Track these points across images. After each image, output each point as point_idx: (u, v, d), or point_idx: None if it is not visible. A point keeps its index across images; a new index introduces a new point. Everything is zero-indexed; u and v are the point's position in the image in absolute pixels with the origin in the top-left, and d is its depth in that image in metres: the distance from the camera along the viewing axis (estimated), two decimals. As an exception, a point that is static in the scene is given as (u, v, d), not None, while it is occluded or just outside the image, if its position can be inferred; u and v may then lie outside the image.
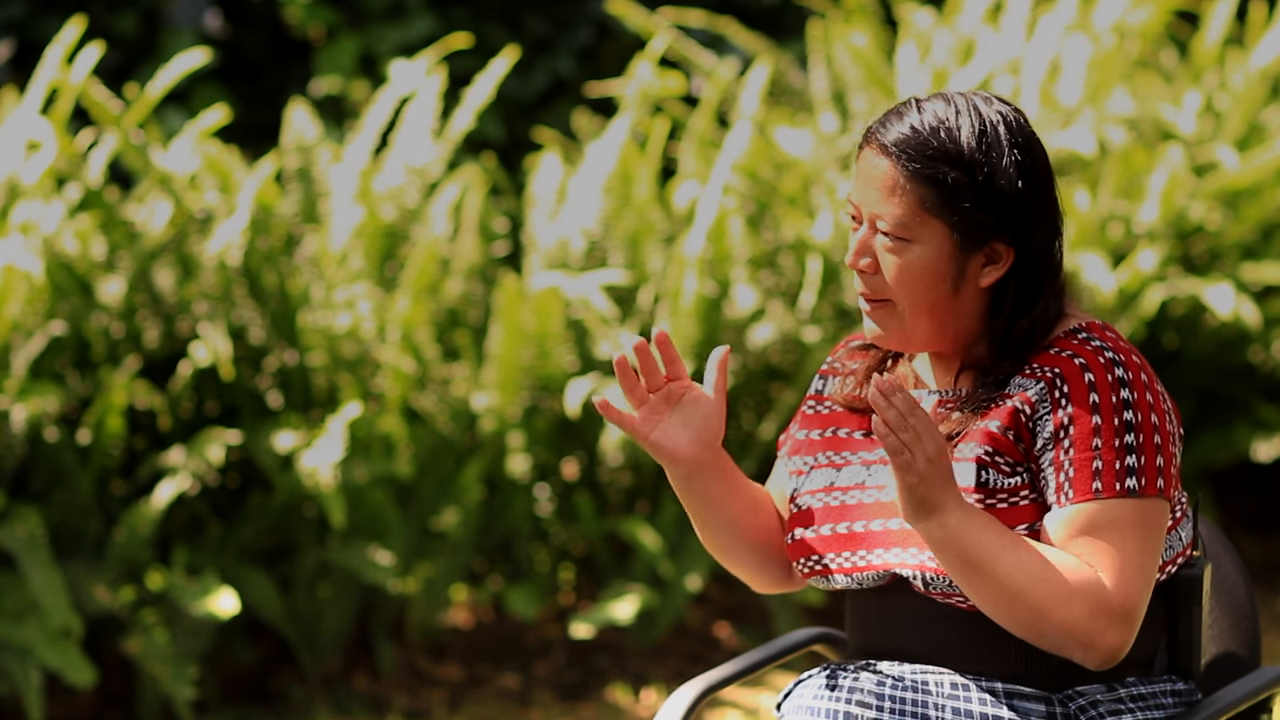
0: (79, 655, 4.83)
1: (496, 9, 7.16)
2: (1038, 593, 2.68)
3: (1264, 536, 6.37)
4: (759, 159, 5.59)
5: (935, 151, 2.75)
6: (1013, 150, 2.76)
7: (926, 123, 2.76)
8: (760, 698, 5.35)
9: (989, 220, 2.76)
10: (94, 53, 5.13)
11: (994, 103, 2.79)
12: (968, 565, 2.69)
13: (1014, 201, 2.76)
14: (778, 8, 7.29)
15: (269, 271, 5.20)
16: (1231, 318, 5.60)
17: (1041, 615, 2.69)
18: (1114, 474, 2.71)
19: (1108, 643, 2.71)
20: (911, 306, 2.79)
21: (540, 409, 5.39)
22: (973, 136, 2.75)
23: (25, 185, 5.07)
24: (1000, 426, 2.76)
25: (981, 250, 2.78)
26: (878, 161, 2.77)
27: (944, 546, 2.69)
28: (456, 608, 5.75)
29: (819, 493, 2.88)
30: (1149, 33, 6.02)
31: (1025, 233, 2.77)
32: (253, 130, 6.72)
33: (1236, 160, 5.77)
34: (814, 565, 2.87)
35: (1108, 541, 2.71)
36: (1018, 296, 2.79)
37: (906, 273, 2.77)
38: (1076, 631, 2.70)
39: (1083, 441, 2.72)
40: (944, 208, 2.75)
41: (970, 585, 2.71)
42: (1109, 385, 2.74)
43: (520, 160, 6.72)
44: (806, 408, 2.98)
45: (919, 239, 2.76)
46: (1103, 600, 2.69)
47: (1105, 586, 2.70)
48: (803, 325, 5.47)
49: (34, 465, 5.06)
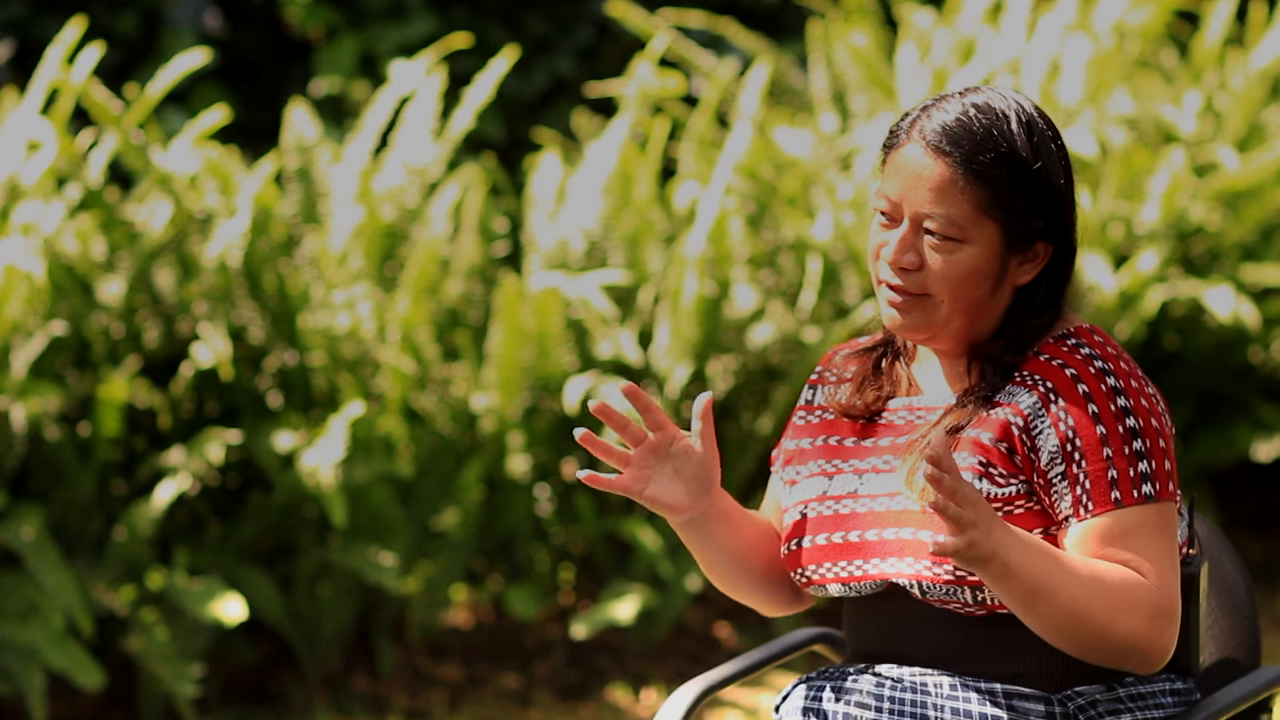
0: (86, 656, 4.84)
1: (496, 9, 7.16)
2: (1101, 608, 2.66)
3: (1264, 536, 6.37)
4: (759, 159, 5.59)
5: (991, 151, 2.72)
6: (1056, 148, 2.75)
7: (980, 122, 2.73)
8: (760, 698, 5.35)
9: (1038, 222, 2.75)
10: (94, 53, 5.13)
11: (1023, 97, 2.78)
12: (1030, 594, 2.65)
13: (1060, 200, 2.75)
14: (778, 8, 7.29)
15: (269, 272, 5.20)
16: (1231, 320, 5.60)
17: (1107, 630, 2.67)
18: (1130, 482, 2.70)
19: (1165, 644, 2.70)
20: (953, 304, 2.76)
21: (540, 409, 5.39)
22: (1022, 134, 2.73)
23: (26, 185, 5.07)
24: (992, 439, 2.74)
25: (1026, 250, 2.77)
26: (928, 161, 2.73)
27: (1005, 581, 2.64)
28: (456, 608, 5.75)
29: (812, 501, 2.86)
30: (1149, 33, 6.02)
31: (1066, 231, 2.76)
32: (253, 130, 6.72)
33: (1237, 161, 5.77)
34: (810, 575, 2.85)
35: (1138, 547, 2.70)
36: (1047, 293, 2.79)
37: (956, 272, 2.74)
38: (1140, 639, 2.68)
39: (1093, 453, 2.70)
40: (999, 208, 2.73)
41: (1033, 613, 2.66)
42: (1104, 394, 2.73)
43: (520, 160, 6.72)
44: (797, 418, 2.96)
45: (971, 239, 2.74)
46: (1155, 603, 2.68)
47: (1154, 589, 2.69)
48: (803, 325, 5.47)
49: (34, 465, 5.06)
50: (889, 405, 2.87)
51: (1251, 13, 6.27)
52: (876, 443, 2.85)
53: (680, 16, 6.18)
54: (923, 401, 2.85)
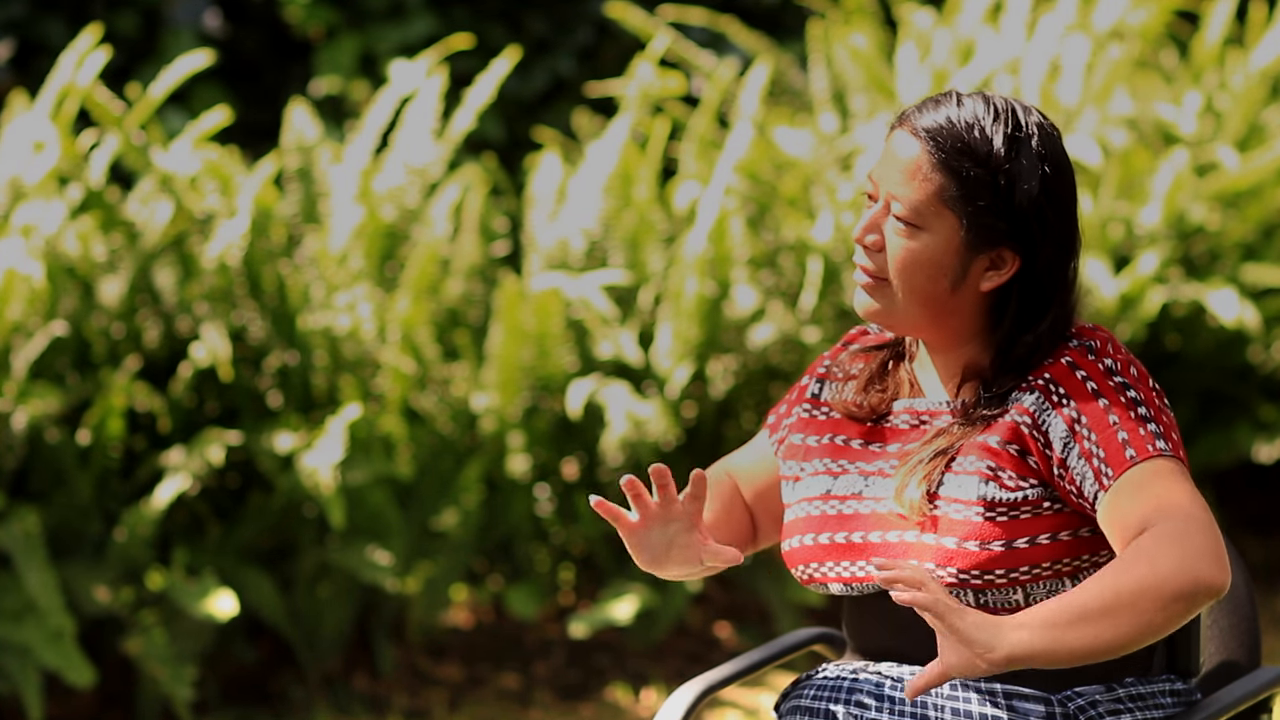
0: (78, 655, 4.83)
1: (497, 9, 7.16)
2: (1137, 590, 2.57)
3: (1265, 537, 6.37)
4: (759, 159, 5.59)
5: (964, 145, 2.74)
6: (1042, 163, 2.75)
7: (963, 117, 2.75)
8: (760, 698, 5.35)
9: (1000, 225, 2.75)
10: (101, 56, 5.14)
11: (1033, 113, 2.78)
12: (1085, 653, 2.58)
13: (1030, 213, 2.75)
14: (778, 7, 7.29)
15: (269, 272, 5.20)
16: (1235, 324, 5.60)
17: (1158, 600, 2.57)
18: (1141, 439, 2.70)
19: (1218, 571, 2.59)
20: (907, 293, 2.78)
21: (540, 409, 5.39)
22: (1004, 140, 2.74)
23: (29, 186, 5.07)
24: (1000, 441, 2.75)
25: (988, 253, 2.77)
26: (907, 143, 2.77)
27: (1058, 659, 2.58)
28: (456, 608, 5.75)
29: (815, 500, 2.87)
30: (1149, 33, 6.02)
31: (1035, 246, 2.76)
32: (253, 130, 6.72)
33: (1237, 161, 5.77)
34: (811, 573, 2.86)
35: (1160, 489, 2.66)
36: (1020, 309, 2.78)
37: (909, 259, 2.76)
38: (1199, 575, 2.58)
39: (1099, 424, 2.71)
40: (959, 202, 2.74)
41: (1092, 646, 2.59)
42: (1101, 373, 2.74)
43: (520, 160, 6.72)
44: (802, 410, 2.97)
45: (929, 228, 2.76)
46: (1179, 537, 2.60)
47: (1182, 525, 2.61)
48: (803, 325, 5.47)
49: (34, 466, 5.06)
50: (893, 408, 2.88)
51: (1251, 13, 6.27)
52: (884, 447, 2.86)
53: (681, 14, 6.19)
54: (924, 405, 2.86)
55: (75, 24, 6.81)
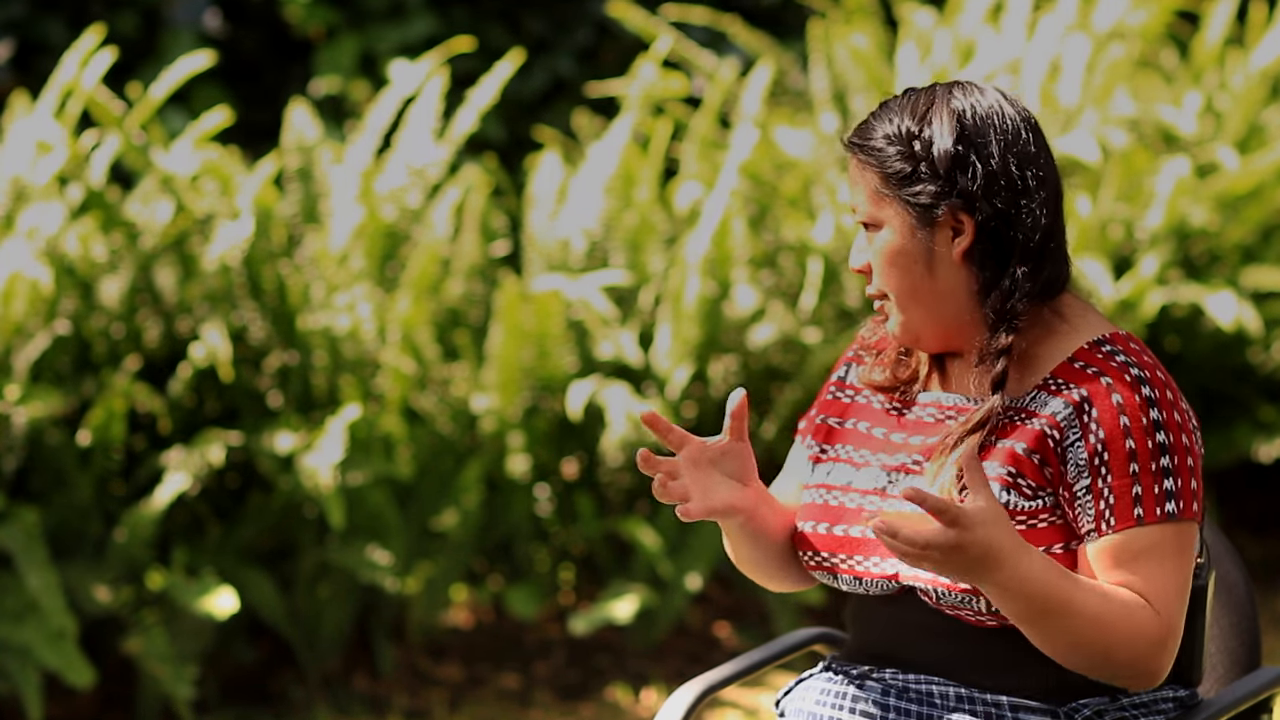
0: (78, 655, 4.83)
1: (497, 9, 7.16)
2: (1105, 635, 2.66)
3: (1264, 536, 6.37)
4: (760, 159, 5.59)
5: (883, 135, 2.76)
6: (957, 119, 2.74)
7: (881, 114, 2.79)
8: (760, 698, 5.35)
9: (931, 188, 2.74)
10: (106, 57, 5.14)
11: (962, 85, 2.78)
12: (1038, 614, 2.65)
13: (954, 166, 2.73)
14: (779, 7, 7.29)
15: (269, 272, 5.20)
16: (1234, 327, 5.60)
17: (1108, 655, 2.67)
18: (1154, 499, 2.68)
19: (1159, 670, 2.71)
20: (898, 295, 2.78)
21: (540, 409, 5.39)
22: (907, 110, 2.76)
23: (34, 187, 5.07)
24: (1026, 449, 2.72)
25: (943, 224, 2.75)
26: (852, 161, 2.81)
27: (1012, 596, 2.64)
28: (456, 608, 5.75)
29: (835, 490, 2.86)
30: (1149, 33, 6.02)
31: (974, 196, 2.73)
32: (253, 130, 6.72)
33: (1237, 162, 5.77)
34: (820, 560, 2.85)
35: (1150, 569, 2.69)
36: (993, 259, 2.75)
37: (882, 259, 2.78)
38: (1137, 665, 2.69)
39: (1120, 467, 2.69)
40: (892, 184, 2.75)
41: (1035, 629, 2.67)
42: (1137, 406, 2.70)
43: (521, 160, 6.72)
44: (828, 394, 2.96)
45: (884, 222, 2.77)
46: (1155, 633, 2.68)
47: (1156, 617, 2.68)
48: (803, 326, 5.47)
49: (34, 466, 5.06)
50: (919, 400, 2.86)
51: (1251, 13, 6.27)
52: (907, 439, 2.84)
53: (683, 13, 6.18)
54: (951, 400, 2.84)
55: (75, 24, 6.81)
